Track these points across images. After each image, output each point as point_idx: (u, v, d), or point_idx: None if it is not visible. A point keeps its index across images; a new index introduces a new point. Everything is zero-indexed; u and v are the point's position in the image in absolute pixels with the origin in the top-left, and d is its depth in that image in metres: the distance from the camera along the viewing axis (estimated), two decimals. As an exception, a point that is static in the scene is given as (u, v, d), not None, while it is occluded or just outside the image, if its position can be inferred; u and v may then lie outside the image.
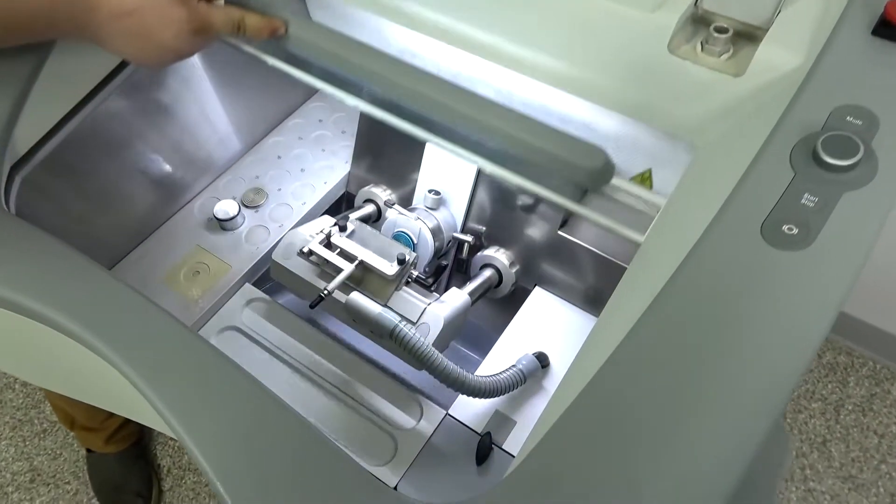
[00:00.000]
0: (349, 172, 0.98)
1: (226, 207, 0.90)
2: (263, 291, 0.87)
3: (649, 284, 0.50)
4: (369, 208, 0.94)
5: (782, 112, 0.53)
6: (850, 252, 0.45)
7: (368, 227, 0.79)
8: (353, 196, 0.97)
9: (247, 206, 0.94)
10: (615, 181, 0.63)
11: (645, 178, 0.70)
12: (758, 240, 0.46)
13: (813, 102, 0.53)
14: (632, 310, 0.48)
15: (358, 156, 0.97)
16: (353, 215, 0.90)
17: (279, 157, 1.00)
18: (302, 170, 0.99)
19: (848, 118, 0.51)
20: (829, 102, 0.52)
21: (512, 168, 0.66)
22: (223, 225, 0.91)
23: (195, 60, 0.91)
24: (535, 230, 0.85)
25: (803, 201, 0.47)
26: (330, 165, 0.99)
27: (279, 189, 0.96)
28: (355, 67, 0.70)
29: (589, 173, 0.61)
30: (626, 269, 0.82)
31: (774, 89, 0.56)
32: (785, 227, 0.46)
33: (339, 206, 1.00)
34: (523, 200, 0.84)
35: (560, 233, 0.83)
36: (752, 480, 0.40)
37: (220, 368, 0.51)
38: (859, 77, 0.54)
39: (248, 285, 0.88)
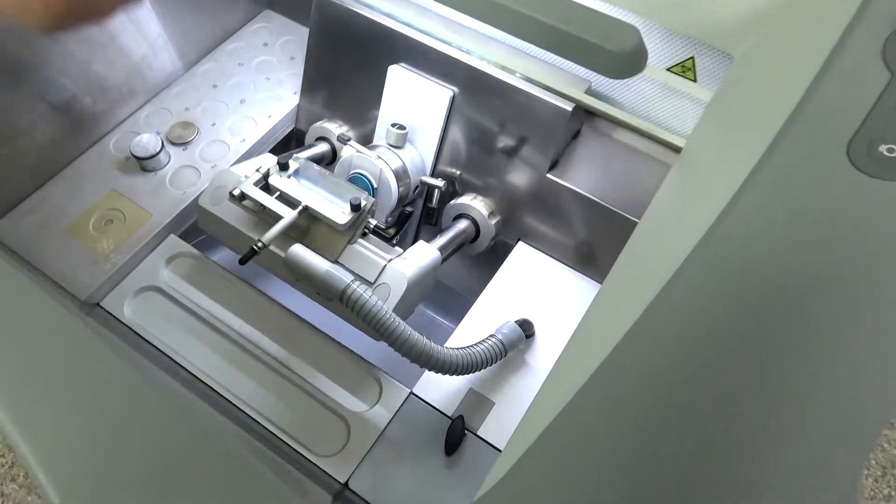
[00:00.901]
0: (298, 105, 0.83)
1: (146, 143, 0.74)
2: (192, 245, 0.72)
3: (691, 223, 0.36)
4: (322, 147, 0.78)
5: None
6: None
7: (316, 167, 0.64)
8: (304, 133, 0.82)
9: (173, 143, 0.78)
10: (650, 71, 0.48)
11: (687, 69, 0.55)
12: (844, 164, 0.33)
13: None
14: (664, 258, 0.35)
15: (308, 84, 0.81)
16: (301, 154, 0.75)
17: (214, 87, 0.84)
18: (242, 101, 0.83)
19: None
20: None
21: (531, 52, 0.50)
22: (143, 164, 0.75)
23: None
24: (520, 174, 0.71)
25: (905, 113, 0.33)
26: (275, 96, 0.83)
27: (213, 124, 0.80)
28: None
29: (619, 55, 0.46)
30: (627, 219, 0.69)
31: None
32: (883, 148, 0.33)
33: (287, 144, 0.84)
34: (505, 138, 0.70)
35: (549, 176, 0.69)
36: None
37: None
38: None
39: (172, 237, 0.73)
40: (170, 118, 0.81)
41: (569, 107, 0.65)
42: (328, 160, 0.79)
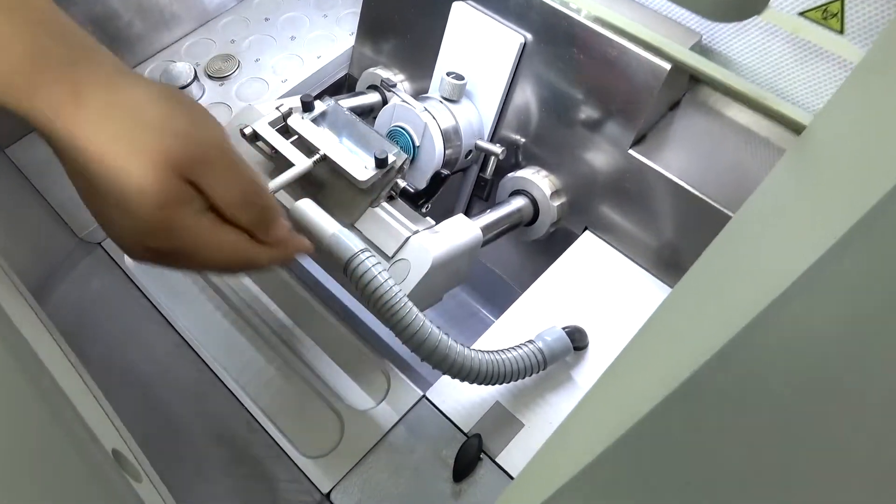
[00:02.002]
0: (353, 47, 0.72)
1: (178, 72, 0.66)
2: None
3: (810, 228, 0.23)
4: (372, 97, 0.68)
5: None
6: None
7: (347, 111, 0.54)
8: (356, 81, 0.72)
9: (210, 77, 0.70)
10: (775, 16, 0.34)
11: (830, 14, 0.40)
12: None
13: None
14: (767, 267, 0.21)
15: (365, 25, 0.70)
16: (345, 102, 0.65)
17: (266, 20, 0.75)
18: (292, 38, 0.73)
19: None
20: None
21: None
22: (173, 97, 0.67)
23: None
24: (595, 147, 0.57)
25: None
26: (329, 35, 0.73)
27: (257, 59, 0.71)
28: None
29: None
30: (727, 217, 0.54)
31: None
32: None
33: (337, 91, 0.74)
34: (582, 101, 0.56)
35: (632, 153, 0.55)
36: None
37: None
38: None
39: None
40: (213, 49, 0.72)
41: (666, 65, 0.51)
42: (378, 112, 0.68)
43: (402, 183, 0.51)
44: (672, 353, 0.28)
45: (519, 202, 0.61)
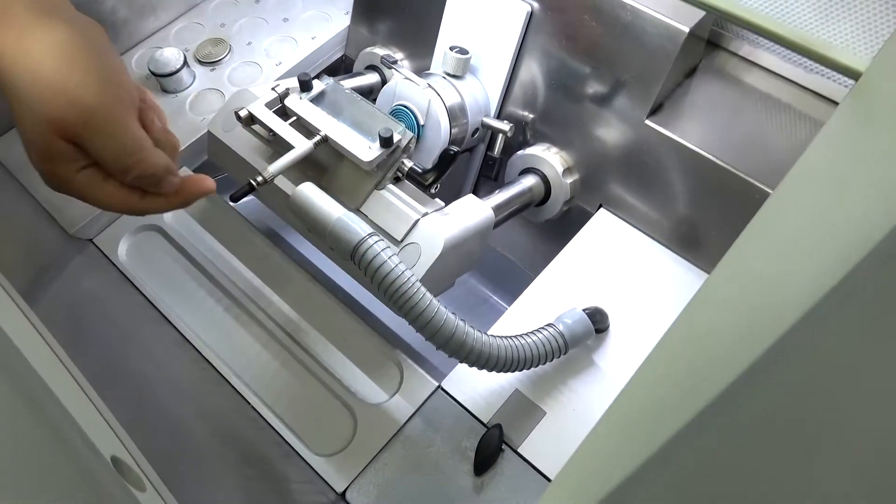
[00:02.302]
0: (348, 27, 0.69)
1: (167, 58, 0.63)
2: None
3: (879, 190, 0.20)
4: (371, 77, 0.65)
5: None
6: None
7: (347, 89, 0.51)
8: (353, 61, 0.69)
9: (201, 62, 0.67)
10: None
11: None
12: None
13: None
14: (838, 236, 0.19)
15: (361, 5, 0.67)
16: (344, 83, 0.62)
17: (257, 2, 0.72)
18: (285, 19, 0.70)
19: None
20: None
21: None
22: (163, 84, 0.64)
23: None
24: (609, 119, 0.54)
25: None
26: (324, 15, 0.70)
27: (249, 43, 0.68)
28: None
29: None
30: (752, 185, 0.51)
31: None
32: None
33: (334, 73, 0.71)
34: (595, 72, 0.53)
35: (649, 123, 0.52)
36: None
37: None
38: None
39: (184, 170, 0.61)
40: (202, 34, 0.69)
41: (684, 28, 0.48)
42: (378, 93, 0.65)
43: (408, 163, 0.49)
44: (719, 349, 0.26)
45: (530, 181, 0.58)
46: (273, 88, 0.51)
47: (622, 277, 0.54)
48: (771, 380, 0.23)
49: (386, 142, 0.46)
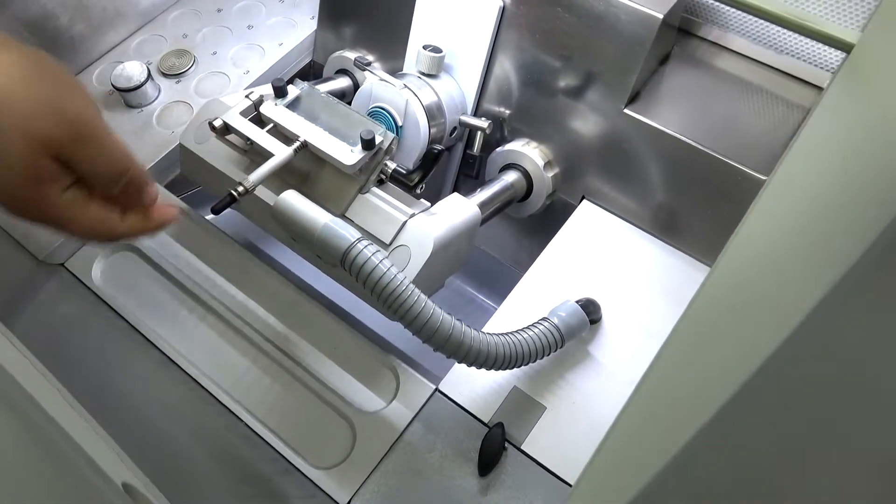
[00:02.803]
0: (315, 31, 0.68)
1: (129, 72, 0.61)
2: (181, 198, 0.59)
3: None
4: (341, 82, 0.64)
5: None
6: None
7: (322, 93, 0.50)
8: (322, 67, 0.68)
9: (165, 75, 0.65)
10: None
11: None
12: None
13: None
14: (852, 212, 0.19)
15: (327, 5, 0.66)
16: (319, 87, 0.61)
17: (219, 11, 0.70)
18: (249, 27, 0.69)
19: None
20: None
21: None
22: (127, 99, 0.62)
23: None
24: (587, 111, 0.54)
25: None
26: (289, 21, 0.69)
27: (214, 53, 0.67)
28: None
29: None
30: (733, 168, 0.52)
31: None
32: None
33: (304, 79, 0.70)
34: (570, 64, 0.53)
35: (627, 112, 0.53)
36: None
37: None
38: None
39: (156, 186, 0.59)
40: (164, 45, 0.67)
41: (658, 15, 0.49)
42: (350, 98, 0.65)
43: (391, 164, 0.48)
44: (732, 346, 0.26)
45: (511, 176, 0.58)
46: (247, 96, 0.50)
47: (610, 267, 0.54)
48: (787, 373, 0.23)
49: (368, 144, 0.46)
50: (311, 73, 0.70)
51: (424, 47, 0.57)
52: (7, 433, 0.18)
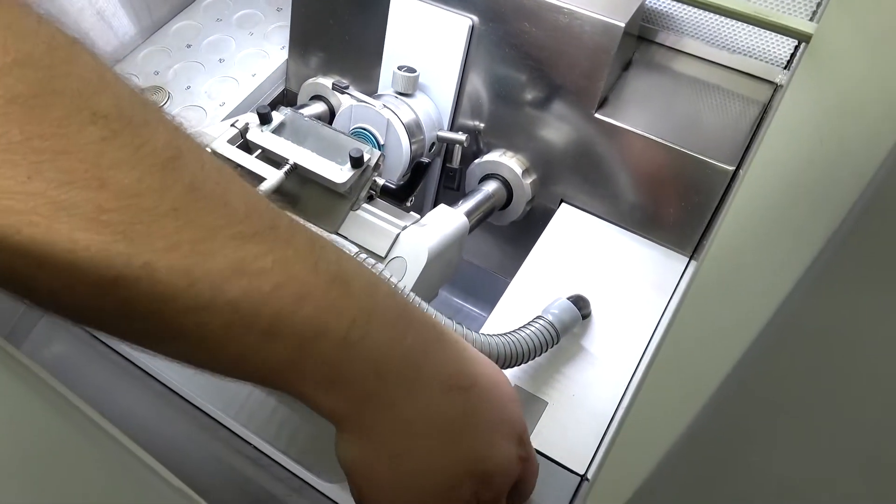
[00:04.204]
0: (287, 60, 0.70)
1: (106, 112, 0.62)
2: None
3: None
4: (317, 107, 0.66)
5: None
6: None
7: (306, 117, 0.51)
8: (296, 94, 0.69)
9: (140, 112, 0.65)
10: None
11: None
12: None
13: None
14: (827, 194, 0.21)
15: (297, 34, 0.68)
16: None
17: (188, 46, 0.71)
18: (221, 60, 0.70)
19: None
20: None
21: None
22: (104, 138, 0.63)
23: None
24: (560, 118, 0.57)
25: None
26: (261, 52, 0.71)
27: (188, 87, 0.68)
28: None
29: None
30: (703, 162, 0.55)
31: None
32: None
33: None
34: (540, 75, 0.56)
35: (599, 116, 0.55)
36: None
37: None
38: None
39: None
40: (136, 83, 0.68)
41: (620, 23, 0.52)
42: (327, 122, 0.66)
43: (380, 180, 0.49)
44: (720, 338, 0.28)
45: (491, 186, 0.60)
46: (232, 124, 0.51)
47: (593, 265, 0.56)
48: (773, 357, 0.25)
49: (357, 162, 0.47)
50: (285, 101, 0.71)
51: (399, 68, 0.59)
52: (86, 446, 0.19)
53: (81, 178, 0.20)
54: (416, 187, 0.54)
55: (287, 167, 0.48)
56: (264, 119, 0.50)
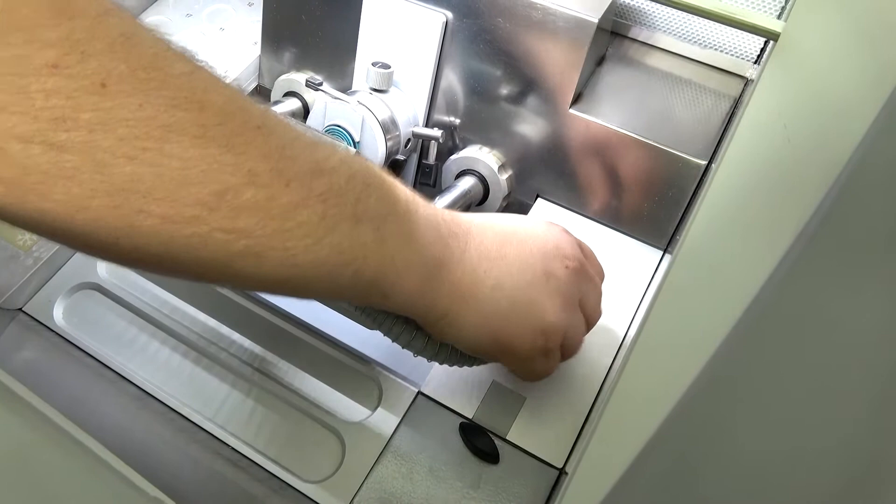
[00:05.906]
0: (259, 57, 0.69)
1: (73, 110, 0.60)
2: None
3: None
4: (291, 104, 0.65)
5: None
6: None
7: (278, 113, 0.51)
8: (269, 91, 0.68)
9: (109, 110, 0.64)
10: None
11: None
12: None
13: None
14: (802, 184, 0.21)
15: (269, 30, 0.67)
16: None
17: (158, 43, 0.70)
18: (191, 57, 0.69)
19: None
20: None
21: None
22: (72, 137, 0.61)
23: None
24: (535, 114, 0.57)
25: None
26: (232, 49, 0.70)
27: (158, 84, 0.66)
28: None
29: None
30: (676, 156, 0.55)
31: None
32: None
33: (250, 107, 0.70)
34: (514, 71, 0.56)
35: (573, 112, 0.56)
36: None
37: None
38: None
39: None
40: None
41: (593, 19, 0.52)
42: (301, 119, 0.66)
43: (356, 178, 0.49)
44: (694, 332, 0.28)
45: (468, 182, 0.60)
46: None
47: (570, 259, 0.57)
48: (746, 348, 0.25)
49: (332, 160, 0.47)
50: (258, 97, 0.71)
51: (373, 64, 0.58)
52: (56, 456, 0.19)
53: (184, 103, 0.24)
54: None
55: (261, 166, 0.47)
56: (237, 117, 0.50)
